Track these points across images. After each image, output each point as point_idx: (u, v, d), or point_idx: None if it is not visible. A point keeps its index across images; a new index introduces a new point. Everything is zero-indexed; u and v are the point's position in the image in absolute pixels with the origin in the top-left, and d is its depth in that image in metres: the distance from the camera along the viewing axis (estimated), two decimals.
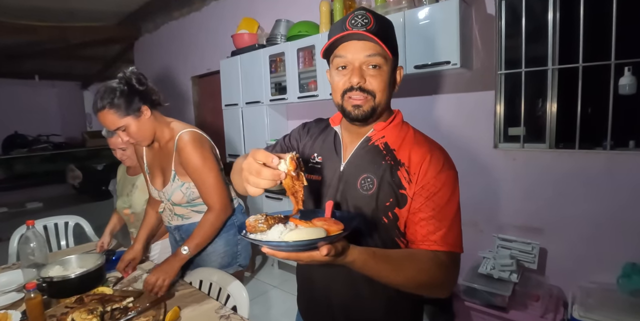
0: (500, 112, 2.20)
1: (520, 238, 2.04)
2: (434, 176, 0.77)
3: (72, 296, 1.25)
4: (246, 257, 1.58)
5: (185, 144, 1.34)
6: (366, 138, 0.85)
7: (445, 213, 0.76)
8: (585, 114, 1.97)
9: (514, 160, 2.14)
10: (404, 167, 0.80)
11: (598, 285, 1.84)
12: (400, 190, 0.78)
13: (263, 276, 3.10)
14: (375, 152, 0.83)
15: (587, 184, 1.91)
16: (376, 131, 0.85)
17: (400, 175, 0.79)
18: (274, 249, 0.59)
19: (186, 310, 1.19)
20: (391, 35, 0.80)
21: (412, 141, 0.83)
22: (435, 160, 0.79)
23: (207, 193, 1.37)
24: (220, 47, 3.84)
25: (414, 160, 0.79)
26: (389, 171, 0.80)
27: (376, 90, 0.77)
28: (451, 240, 0.76)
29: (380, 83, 0.77)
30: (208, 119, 4.47)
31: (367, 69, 0.77)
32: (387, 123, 0.85)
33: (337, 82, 0.79)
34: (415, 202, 0.77)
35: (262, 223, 0.63)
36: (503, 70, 2.17)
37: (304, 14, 2.96)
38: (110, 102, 1.27)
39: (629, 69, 1.80)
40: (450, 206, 0.77)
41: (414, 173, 0.78)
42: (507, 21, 2.15)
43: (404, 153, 0.81)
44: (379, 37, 0.73)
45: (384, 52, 0.76)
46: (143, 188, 1.77)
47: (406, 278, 0.70)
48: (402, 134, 0.85)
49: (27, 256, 1.40)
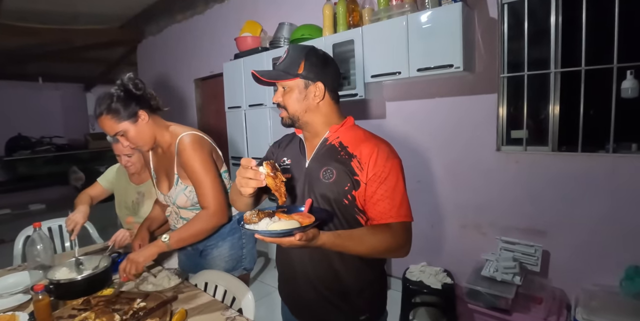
0: (502, 115, 2.20)
1: (523, 241, 2.04)
2: (382, 164, 0.97)
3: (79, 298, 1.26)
4: (251, 261, 1.58)
5: (185, 147, 1.34)
6: (324, 139, 1.07)
7: (395, 193, 0.96)
8: (588, 117, 1.97)
9: (516, 163, 2.15)
10: (356, 158, 0.99)
11: (601, 288, 1.84)
12: (354, 176, 0.98)
13: (266, 279, 3.10)
14: (332, 149, 1.04)
15: (590, 187, 1.92)
16: (331, 133, 1.06)
17: (354, 164, 0.99)
18: (263, 236, 0.81)
19: (192, 312, 1.20)
20: (294, 62, 1.03)
21: (362, 138, 1.03)
22: (382, 152, 0.99)
23: (203, 194, 1.36)
24: (223, 49, 3.86)
25: (364, 153, 0.99)
26: (344, 162, 1.00)
27: (286, 104, 1.04)
28: (403, 212, 0.96)
29: (287, 100, 1.04)
30: (211, 122, 4.48)
31: (284, 92, 1.05)
32: (339, 126, 1.06)
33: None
34: (370, 187, 0.97)
35: (255, 217, 0.86)
36: (506, 73, 2.18)
37: (307, 17, 2.98)
38: (108, 108, 1.30)
39: (632, 72, 1.81)
40: (398, 187, 0.97)
41: (364, 163, 0.98)
42: (509, 24, 2.16)
43: (355, 148, 1.01)
44: (281, 68, 1.03)
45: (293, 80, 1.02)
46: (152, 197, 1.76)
47: (368, 248, 0.92)
48: (353, 134, 1.06)
49: (33, 258, 1.41)
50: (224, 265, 1.49)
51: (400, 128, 2.60)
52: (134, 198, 1.83)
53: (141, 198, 1.80)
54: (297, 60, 1.02)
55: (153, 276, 1.44)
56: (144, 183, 1.83)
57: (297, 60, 1.02)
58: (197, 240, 1.40)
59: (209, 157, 1.39)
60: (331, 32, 2.63)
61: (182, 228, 1.36)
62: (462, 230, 2.38)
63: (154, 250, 1.34)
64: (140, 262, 1.31)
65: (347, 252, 0.93)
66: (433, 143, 2.45)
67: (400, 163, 1.01)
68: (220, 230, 1.49)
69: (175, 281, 1.40)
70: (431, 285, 2.20)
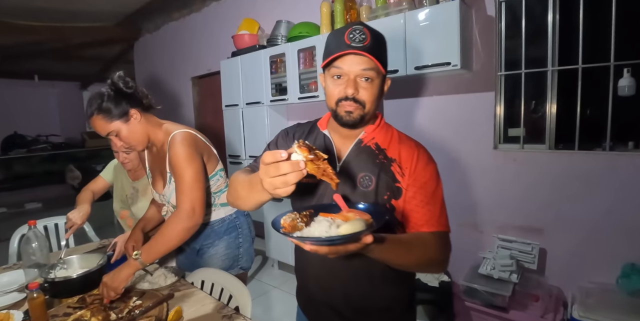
0: (500, 113, 2.20)
1: (520, 239, 2.05)
2: (422, 168, 0.89)
3: (74, 296, 1.26)
4: (248, 260, 1.58)
5: (174, 143, 1.31)
6: (359, 140, 0.95)
7: (435, 199, 0.88)
8: (585, 115, 1.98)
9: (514, 161, 2.15)
10: (396, 162, 0.90)
11: (597, 285, 1.85)
12: (396, 183, 0.89)
13: (263, 277, 3.10)
14: (369, 152, 0.93)
15: (587, 185, 1.92)
16: (367, 133, 0.95)
17: (394, 170, 0.89)
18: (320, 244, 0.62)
19: (188, 310, 1.19)
20: (384, 50, 0.87)
21: (398, 140, 0.95)
22: (422, 156, 0.91)
23: (178, 191, 1.29)
24: (220, 47, 3.85)
25: (404, 156, 0.91)
26: (383, 168, 0.90)
27: (366, 101, 0.86)
28: (443, 221, 0.88)
29: (370, 95, 0.86)
30: (208, 120, 4.47)
31: (360, 81, 0.85)
32: (375, 126, 0.96)
33: (332, 90, 0.88)
34: (409, 192, 0.88)
35: (300, 222, 0.67)
36: (503, 71, 2.18)
37: (304, 15, 2.97)
38: (98, 108, 1.28)
39: (628, 70, 1.81)
40: (437, 193, 0.89)
41: (405, 167, 0.89)
42: (507, 22, 2.16)
43: (394, 151, 0.92)
44: (373, 53, 0.82)
45: (376, 67, 0.83)
46: (146, 194, 1.76)
47: (417, 257, 0.81)
48: (389, 135, 0.96)
49: (28, 256, 1.40)
50: (221, 264, 1.49)
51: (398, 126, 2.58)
52: (128, 192, 1.84)
53: (136, 193, 1.80)
54: (384, 49, 0.88)
55: (149, 274, 1.43)
56: (139, 180, 1.83)
57: (384, 48, 0.88)
58: (171, 246, 1.27)
59: (195, 155, 1.33)
60: (329, 30, 2.62)
61: (151, 240, 1.27)
62: (459, 228, 2.38)
63: (128, 271, 1.22)
64: (116, 287, 1.20)
65: (389, 261, 0.77)
66: (430, 142, 2.44)
67: (437, 168, 0.93)
68: (217, 229, 1.49)
69: (171, 279, 1.40)
70: (428, 283, 2.20)
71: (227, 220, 1.50)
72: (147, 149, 1.50)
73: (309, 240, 0.61)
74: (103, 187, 1.97)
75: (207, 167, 1.41)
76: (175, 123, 1.43)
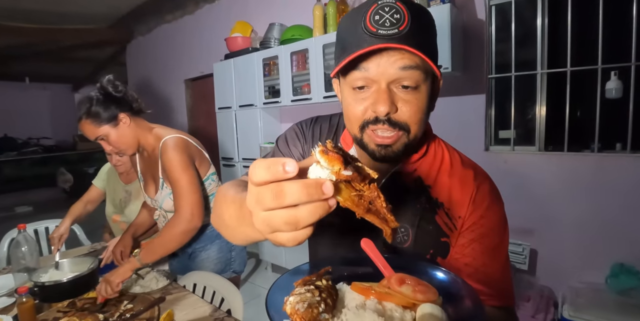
0: (491, 115, 2.23)
1: (511, 240, 2.06)
2: (480, 215, 0.61)
3: (65, 301, 1.25)
4: (241, 263, 1.57)
5: (166, 149, 1.30)
6: (394, 174, 0.64)
7: (495, 259, 0.61)
8: (574, 117, 2.01)
9: (504, 163, 2.17)
10: (442, 208, 0.62)
11: (587, 285, 1.87)
12: (442, 238, 0.62)
13: (257, 280, 3.09)
14: (406, 193, 0.64)
15: (576, 186, 1.95)
16: (409, 163, 0.65)
17: (439, 220, 0.62)
18: None
19: (180, 313, 1.19)
20: (432, 35, 0.56)
21: (449, 171, 0.65)
22: (481, 195, 0.62)
23: (176, 196, 1.29)
24: (213, 50, 3.84)
25: (456, 199, 0.62)
26: (425, 216, 0.62)
27: (411, 122, 0.55)
28: (507, 291, 0.61)
29: (417, 113, 0.55)
30: (201, 122, 4.45)
31: (399, 91, 0.54)
32: (420, 155, 0.65)
33: (354, 108, 0.56)
34: (458, 246, 0.61)
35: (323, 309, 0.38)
36: (493, 74, 2.20)
37: (297, 17, 2.98)
38: (87, 112, 1.26)
39: (615, 73, 1.84)
40: (502, 250, 0.62)
41: (457, 217, 0.62)
42: (497, 26, 2.19)
43: (442, 190, 0.63)
44: (418, 42, 0.50)
45: (424, 64, 0.52)
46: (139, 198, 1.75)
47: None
48: (437, 163, 0.66)
49: (18, 260, 1.39)
50: (213, 268, 1.48)
51: None
52: (121, 196, 1.82)
53: (128, 197, 1.79)
54: (433, 32, 0.56)
55: (141, 278, 1.42)
56: (132, 183, 1.81)
57: (433, 31, 0.56)
58: (170, 248, 1.29)
59: (189, 160, 1.32)
60: (321, 33, 2.63)
61: (152, 240, 1.30)
62: None
63: (127, 267, 1.25)
64: (115, 282, 1.22)
65: None
66: None
67: (503, 208, 0.65)
68: (209, 233, 1.48)
69: (163, 282, 1.39)
70: None
71: None
72: (138, 153, 1.49)
73: None
74: (97, 195, 1.95)
75: (200, 171, 1.41)
76: (165, 127, 1.41)
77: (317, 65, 2.62)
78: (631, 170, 1.80)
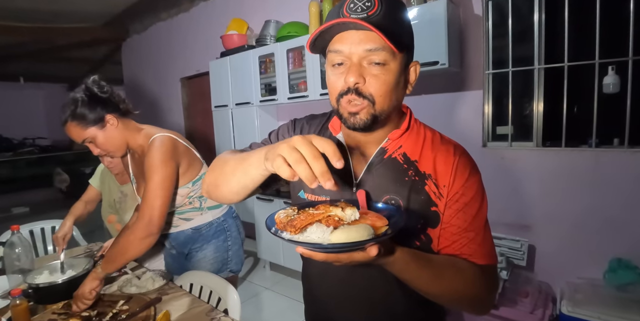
0: (488, 111, 2.22)
1: (510, 236, 2.06)
2: (462, 184, 0.68)
3: (60, 302, 1.23)
4: (237, 263, 1.56)
5: (151, 148, 1.25)
6: (380, 150, 0.72)
7: (477, 223, 0.69)
8: (571, 113, 2.01)
9: (502, 159, 2.16)
10: (430, 179, 0.69)
11: (585, 281, 1.87)
12: (431, 207, 0.68)
13: (255, 278, 3.08)
14: (394, 167, 0.70)
15: (574, 181, 1.95)
16: (391, 140, 0.71)
17: (429, 190, 0.68)
18: (313, 250, 0.51)
19: (177, 313, 1.17)
20: (400, 22, 0.63)
21: (431, 146, 0.72)
22: (462, 166, 0.69)
23: (142, 198, 1.22)
24: (209, 48, 3.82)
25: (441, 170, 0.69)
26: (414, 188, 0.68)
27: (376, 94, 0.62)
28: (487, 250, 0.69)
29: (382, 85, 0.62)
30: (198, 121, 4.43)
31: (370, 66, 0.62)
32: (402, 131, 0.72)
33: (333, 82, 0.65)
34: (446, 216, 0.68)
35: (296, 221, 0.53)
36: (491, 69, 2.19)
37: (293, 14, 2.96)
38: (72, 114, 1.22)
39: (613, 68, 1.84)
40: (480, 215, 0.69)
41: (443, 186, 0.68)
42: (494, 22, 2.18)
43: (427, 163, 0.70)
44: (383, 26, 0.57)
45: (388, 46, 0.59)
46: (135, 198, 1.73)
47: (446, 287, 0.63)
48: (420, 139, 0.72)
49: (12, 262, 1.37)
50: (209, 268, 1.47)
51: None
52: (116, 197, 1.81)
53: (124, 198, 1.77)
54: (401, 19, 0.64)
55: (137, 278, 1.41)
56: (127, 184, 1.79)
57: (401, 17, 0.65)
58: (129, 257, 1.20)
59: (169, 161, 1.26)
60: None
61: (110, 248, 1.23)
62: None
63: (92, 278, 1.18)
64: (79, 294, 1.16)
65: (414, 284, 0.62)
66: None
67: (481, 179, 0.72)
68: (205, 233, 1.47)
69: (159, 282, 1.38)
70: None
71: (214, 223, 1.48)
72: (129, 155, 1.47)
73: (299, 244, 0.50)
74: (95, 195, 1.93)
75: (190, 171, 1.37)
76: (155, 127, 1.37)
77: (313, 63, 2.60)
78: (629, 165, 1.80)
